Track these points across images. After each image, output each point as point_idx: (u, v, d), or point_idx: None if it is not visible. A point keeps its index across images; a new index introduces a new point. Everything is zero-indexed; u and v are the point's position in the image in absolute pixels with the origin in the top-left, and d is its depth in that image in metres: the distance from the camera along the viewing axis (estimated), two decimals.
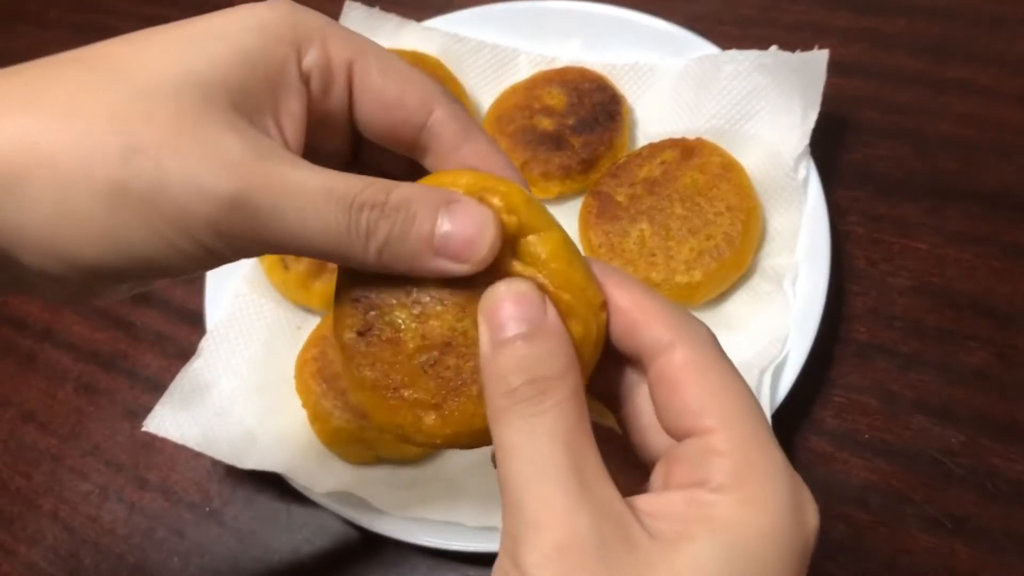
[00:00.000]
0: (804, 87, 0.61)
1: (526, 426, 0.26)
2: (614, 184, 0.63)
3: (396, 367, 0.30)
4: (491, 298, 0.28)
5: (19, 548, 0.62)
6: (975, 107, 0.66)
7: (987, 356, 0.55)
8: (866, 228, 0.63)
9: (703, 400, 0.27)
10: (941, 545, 0.50)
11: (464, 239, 0.28)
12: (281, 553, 0.58)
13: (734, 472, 0.26)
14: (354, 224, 0.28)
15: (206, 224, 0.27)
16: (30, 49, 1.11)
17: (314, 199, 0.27)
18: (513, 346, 0.27)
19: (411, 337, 0.29)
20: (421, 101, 0.31)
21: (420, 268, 0.29)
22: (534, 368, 0.27)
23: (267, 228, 0.27)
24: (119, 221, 0.26)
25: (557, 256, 0.29)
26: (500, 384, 0.27)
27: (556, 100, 0.69)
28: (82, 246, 0.27)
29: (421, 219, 0.28)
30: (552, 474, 0.25)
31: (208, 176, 0.26)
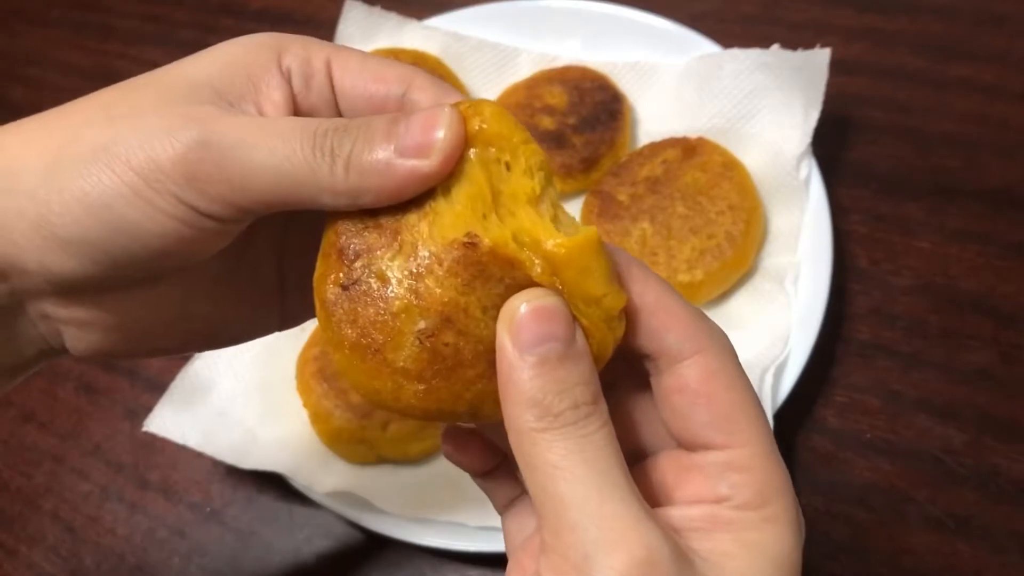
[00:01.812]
0: (806, 86, 0.61)
1: (575, 447, 0.26)
2: (615, 183, 0.63)
3: (380, 326, 0.28)
4: (517, 309, 0.26)
5: (20, 548, 0.62)
6: (977, 105, 0.66)
7: (989, 355, 0.55)
8: (868, 227, 0.62)
9: (724, 414, 0.27)
10: (943, 545, 0.50)
11: (422, 124, 0.28)
12: (282, 553, 0.58)
13: (755, 490, 0.27)
14: (319, 147, 0.28)
15: (174, 166, 0.28)
16: (31, 48, 1.11)
17: (281, 131, 0.28)
18: (549, 366, 0.26)
19: (402, 294, 0.27)
20: (398, 76, 0.31)
21: (391, 177, 0.28)
22: (576, 392, 0.26)
23: (235, 164, 0.28)
24: (99, 182, 0.28)
25: (573, 262, 0.27)
26: (534, 407, 0.26)
27: (557, 99, 0.69)
28: (70, 219, 0.28)
29: (381, 126, 0.28)
30: (613, 493, 0.25)
31: (178, 123, 0.28)
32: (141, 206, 0.28)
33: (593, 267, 0.27)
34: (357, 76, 0.32)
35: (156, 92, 0.30)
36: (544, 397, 0.26)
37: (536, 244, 0.27)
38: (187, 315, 0.34)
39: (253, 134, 0.28)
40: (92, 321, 0.32)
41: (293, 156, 0.28)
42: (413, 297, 0.27)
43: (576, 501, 0.25)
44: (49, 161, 0.29)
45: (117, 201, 0.28)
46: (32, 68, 0.99)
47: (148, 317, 0.33)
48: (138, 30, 0.98)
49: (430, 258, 0.27)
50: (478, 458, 0.34)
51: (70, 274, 0.29)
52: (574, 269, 0.27)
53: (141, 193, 0.28)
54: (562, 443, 0.26)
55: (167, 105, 0.29)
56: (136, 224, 0.28)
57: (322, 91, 0.32)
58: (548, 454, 0.26)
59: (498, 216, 0.28)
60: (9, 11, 1.06)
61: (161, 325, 0.34)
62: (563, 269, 0.27)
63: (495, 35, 0.75)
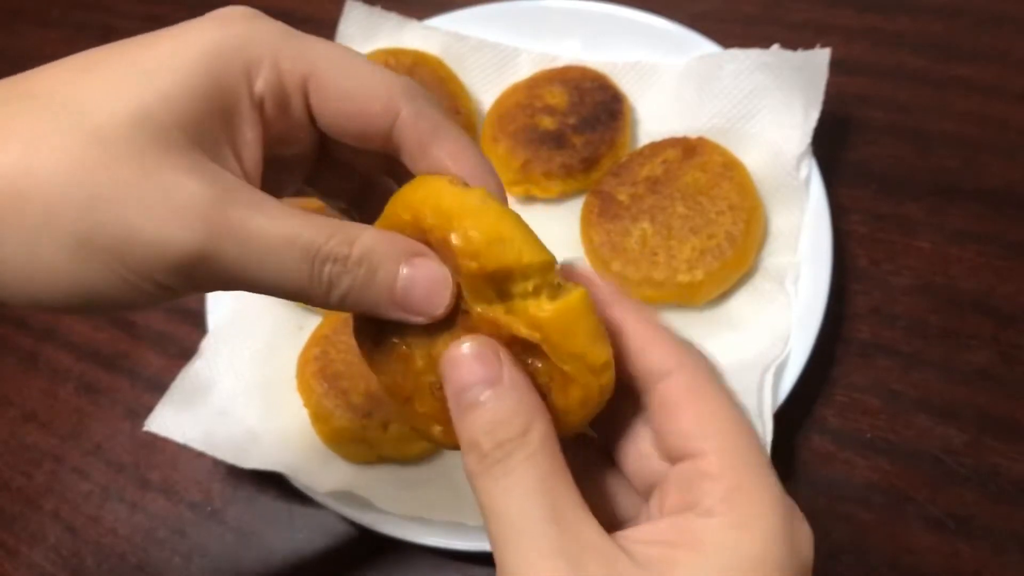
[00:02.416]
0: (806, 86, 0.61)
1: (498, 487, 0.27)
2: (616, 183, 0.63)
3: (407, 379, 0.31)
4: (448, 361, 0.28)
5: (20, 548, 0.62)
6: (978, 105, 0.66)
7: (990, 355, 0.55)
8: (868, 227, 0.62)
9: (697, 423, 0.28)
10: (944, 545, 0.50)
11: (423, 297, 0.29)
12: (283, 553, 0.58)
13: (724, 496, 0.26)
14: (316, 275, 0.28)
15: (170, 273, 0.27)
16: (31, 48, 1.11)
17: (276, 250, 0.27)
18: (475, 411, 0.27)
19: (420, 356, 0.30)
20: (384, 107, 0.30)
21: (380, 316, 0.30)
22: (498, 431, 0.27)
23: (230, 275, 0.28)
24: (85, 270, 0.27)
25: (556, 325, 0.28)
26: (471, 450, 0.27)
27: (557, 99, 0.69)
28: (53, 292, 0.27)
29: (382, 275, 0.29)
30: (528, 529, 0.26)
31: (172, 228, 0.26)
32: (129, 293, 0.28)
33: (575, 329, 0.28)
34: (336, 105, 0.31)
35: (127, 140, 0.26)
36: (476, 439, 0.27)
37: (525, 313, 0.29)
38: None
39: (253, 250, 0.27)
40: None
41: (291, 277, 0.28)
42: (429, 358, 0.30)
43: (498, 543, 0.27)
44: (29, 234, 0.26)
45: (107, 290, 0.27)
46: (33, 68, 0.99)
47: None
48: (139, 30, 0.97)
49: (440, 324, 0.30)
50: None
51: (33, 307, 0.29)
52: (558, 332, 0.28)
53: (130, 282, 0.27)
54: (489, 484, 0.27)
55: (150, 174, 0.26)
56: (117, 299, 0.28)
57: (298, 115, 0.31)
58: (481, 496, 0.27)
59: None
60: (9, 11, 1.06)
61: None
62: (549, 331, 0.28)
63: (495, 35, 0.75)
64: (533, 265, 0.28)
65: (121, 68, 0.29)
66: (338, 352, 0.58)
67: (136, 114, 0.27)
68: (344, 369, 0.58)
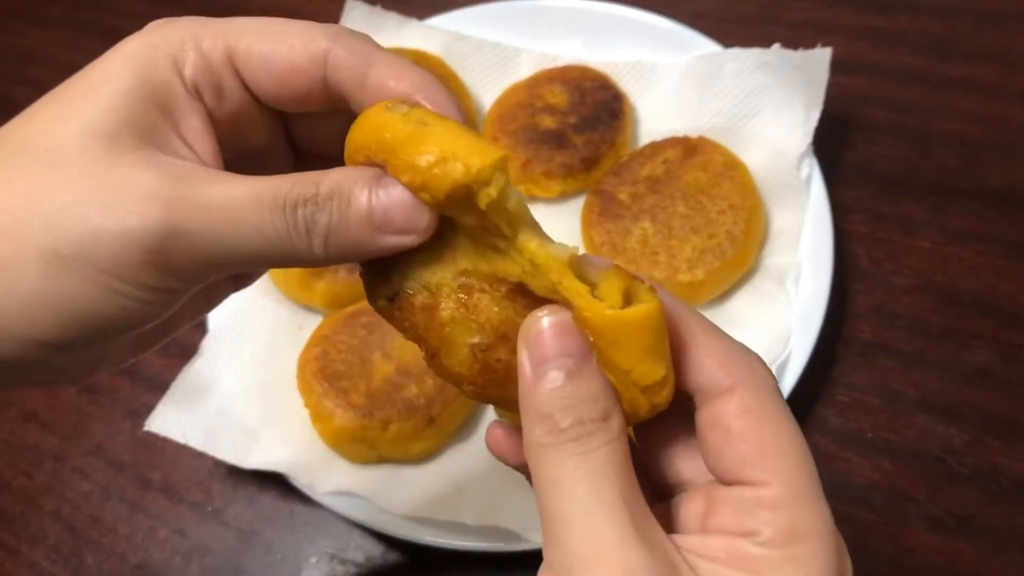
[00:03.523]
0: (807, 85, 0.61)
1: (571, 463, 0.26)
2: (616, 183, 0.63)
3: (431, 332, 0.29)
4: (533, 326, 0.27)
5: (21, 547, 0.62)
6: (978, 105, 0.66)
7: (990, 355, 0.55)
8: (869, 227, 0.62)
9: (760, 452, 0.27)
10: (945, 544, 0.50)
11: (404, 213, 0.28)
12: (283, 552, 0.58)
13: (783, 529, 0.26)
14: (292, 224, 0.27)
15: (143, 263, 0.26)
16: (31, 48, 1.11)
17: (244, 211, 0.27)
18: (557, 383, 0.26)
19: (445, 306, 0.29)
20: (309, 56, 0.30)
21: (369, 250, 0.28)
22: (579, 409, 0.26)
23: (205, 251, 0.27)
24: (60, 285, 0.26)
25: (605, 332, 0.26)
26: (544, 421, 0.26)
27: (558, 99, 0.69)
28: (33, 321, 0.27)
29: (356, 202, 0.28)
30: (602, 510, 0.25)
31: (131, 216, 0.26)
32: (115, 301, 0.27)
33: (623, 342, 0.26)
34: (263, 71, 0.30)
35: (79, 152, 0.27)
36: (552, 412, 0.26)
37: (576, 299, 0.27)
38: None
39: (220, 217, 0.27)
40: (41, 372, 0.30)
41: (267, 235, 0.27)
42: (463, 310, 0.28)
43: (566, 517, 0.25)
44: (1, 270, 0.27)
45: (91, 304, 0.27)
46: (33, 68, 0.99)
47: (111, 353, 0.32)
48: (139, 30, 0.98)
49: (477, 279, 0.28)
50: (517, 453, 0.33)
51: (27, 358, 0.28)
52: (604, 340, 0.27)
53: (116, 290, 0.27)
54: (562, 459, 0.26)
55: (103, 175, 0.27)
56: (103, 313, 0.27)
57: (235, 96, 0.31)
58: (549, 469, 0.26)
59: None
60: (9, 11, 1.06)
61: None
62: (595, 336, 0.27)
63: (496, 35, 0.75)
64: (484, 170, 0.26)
65: (62, 99, 0.29)
66: (338, 352, 0.58)
67: (82, 130, 0.27)
68: (344, 369, 0.58)
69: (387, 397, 0.56)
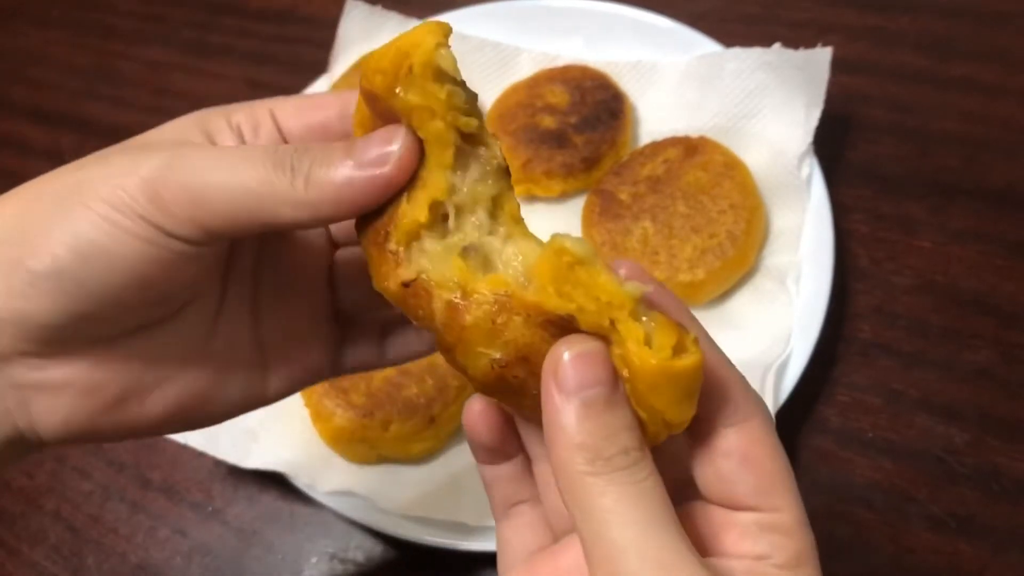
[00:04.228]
0: (807, 85, 0.61)
1: (621, 491, 0.26)
2: (617, 182, 0.63)
3: (449, 330, 0.29)
4: (561, 355, 0.27)
5: (22, 547, 0.62)
6: (979, 104, 0.66)
7: (991, 355, 0.55)
8: (870, 226, 0.62)
9: (774, 480, 0.29)
10: (945, 544, 0.49)
11: (380, 138, 0.29)
12: (283, 552, 0.58)
13: (793, 553, 0.28)
14: (279, 164, 0.29)
15: (139, 189, 0.29)
16: (32, 48, 1.11)
17: (243, 153, 0.30)
18: (595, 411, 0.26)
19: (479, 315, 0.28)
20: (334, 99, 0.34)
21: (350, 186, 0.29)
22: (622, 437, 0.27)
23: (198, 182, 0.29)
24: (69, 214, 0.29)
25: (648, 379, 0.27)
26: (586, 450, 0.26)
27: (558, 98, 0.69)
28: (43, 252, 0.29)
29: (340, 146, 0.30)
30: (658, 536, 0.26)
31: (142, 155, 0.30)
32: (109, 230, 0.29)
33: (663, 388, 0.27)
34: (297, 113, 0.34)
35: (120, 147, 0.32)
36: (594, 441, 0.26)
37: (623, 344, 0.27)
38: (161, 380, 0.34)
39: (216, 156, 0.30)
40: (64, 382, 0.32)
41: (254, 172, 0.29)
42: (490, 324, 0.28)
43: (632, 548, 0.25)
44: (22, 208, 0.30)
45: (87, 229, 0.29)
46: (33, 68, 0.99)
47: (121, 378, 0.33)
48: (139, 30, 0.98)
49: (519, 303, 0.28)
50: (497, 433, 0.33)
51: (47, 316, 0.30)
52: (645, 383, 0.27)
53: (108, 217, 0.29)
54: (615, 488, 0.26)
55: (132, 149, 0.31)
56: (105, 249, 0.29)
57: (270, 135, 0.34)
58: (602, 499, 0.26)
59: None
60: (9, 11, 1.06)
61: (135, 389, 0.33)
62: (633, 376, 0.27)
63: (496, 34, 0.75)
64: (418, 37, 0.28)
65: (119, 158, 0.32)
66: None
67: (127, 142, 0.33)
68: None
69: (387, 397, 0.56)
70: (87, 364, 0.32)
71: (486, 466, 0.34)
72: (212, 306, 0.35)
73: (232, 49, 0.92)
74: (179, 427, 0.36)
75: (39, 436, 0.33)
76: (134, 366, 0.33)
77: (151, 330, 0.33)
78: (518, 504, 0.34)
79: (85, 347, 0.32)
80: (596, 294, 0.27)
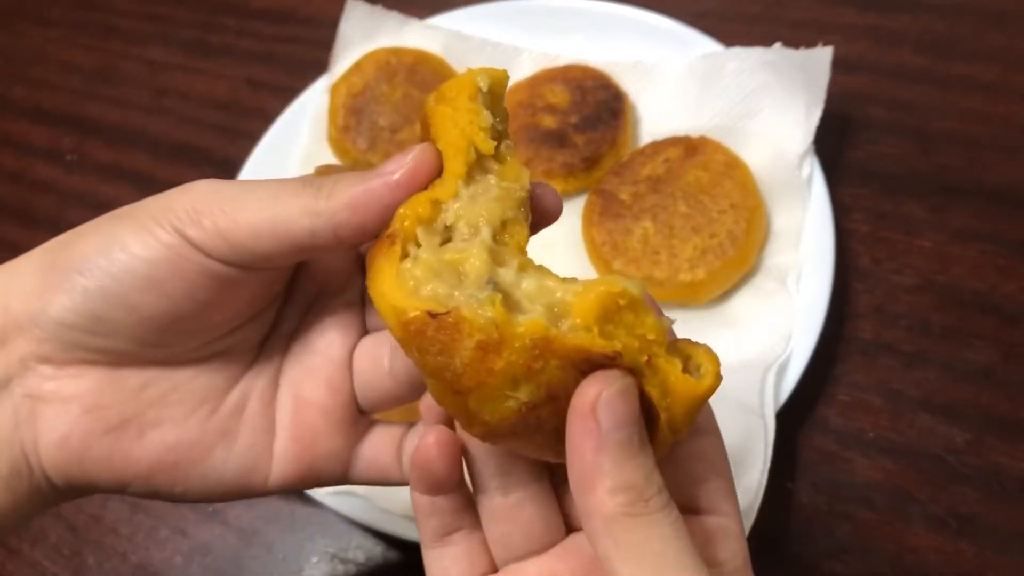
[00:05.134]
0: (808, 84, 0.61)
1: (672, 534, 0.26)
2: (617, 182, 0.63)
3: (473, 373, 0.27)
4: (595, 395, 0.26)
5: (22, 547, 0.62)
6: (979, 103, 0.66)
7: (992, 354, 0.55)
8: (870, 226, 0.62)
9: (729, 486, 0.30)
10: (946, 544, 0.49)
11: (399, 155, 0.30)
12: (284, 552, 0.58)
13: (745, 558, 0.29)
14: (308, 183, 0.31)
15: (181, 204, 0.30)
16: (32, 48, 1.11)
17: (283, 180, 0.32)
18: (633, 450, 0.26)
19: (512, 360, 0.26)
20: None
21: (365, 194, 0.30)
22: (655, 478, 0.27)
23: (233, 200, 0.30)
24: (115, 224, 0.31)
25: (686, 403, 0.27)
26: (627, 491, 0.26)
27: (559, 98, 0.69)
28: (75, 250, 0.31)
29: (369, 171, 0.31)
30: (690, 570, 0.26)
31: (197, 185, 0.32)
32: (141, 235, 0.30)
33: (695, 410, 0.28)
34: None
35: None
36: (635, 481, 0.26)
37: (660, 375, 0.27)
38: (164, 419, 0.34)
39: (260, 182, 0.31)
40: (73, 395, 0.32)
41: (284, 190, 0.30)
42: (525, 369, 0.26)
43: None
44: (84, 225, 0.32)
45: (123, 233, 0.30)
46: (33, 67, 0.99)
47: (127, 405, 0.33)
48: (139, 29, 0.98)
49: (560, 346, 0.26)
50: (456, 467, 0.32)
51: (63, 312, 0.30)
52: (682, 407, 0.27)
53: (146, 226, 0.30)
54: (658, 531, 0.26)
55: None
56: (131, 251, 0.30)
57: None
58: (650, 543, 0.26)
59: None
60: (10, 10, 1.06)
61: (137, 420, 0.33)
62: (675, 404, 0.27)
63: (497, 34, 0.75)
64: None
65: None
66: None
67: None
68: None
69: None
70: (99, 381, 0.32)
71: (429, 495, 0.33)
72: (243, 363, 0.36)
73: (232, 49, 0.92)
74: (167, 482, 0.34)
75: (39, 458, 0.32)
76: (143, 397, 0.33)
77: (174, 367, 0.34)
78: (451, 534, 0.34)
79: (102, 361, 0.32)
80: (641, 332, 0.27)
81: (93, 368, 0.32)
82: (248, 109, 0.85)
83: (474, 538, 0.34)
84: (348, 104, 0.71)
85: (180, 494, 0.35)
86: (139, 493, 0.34)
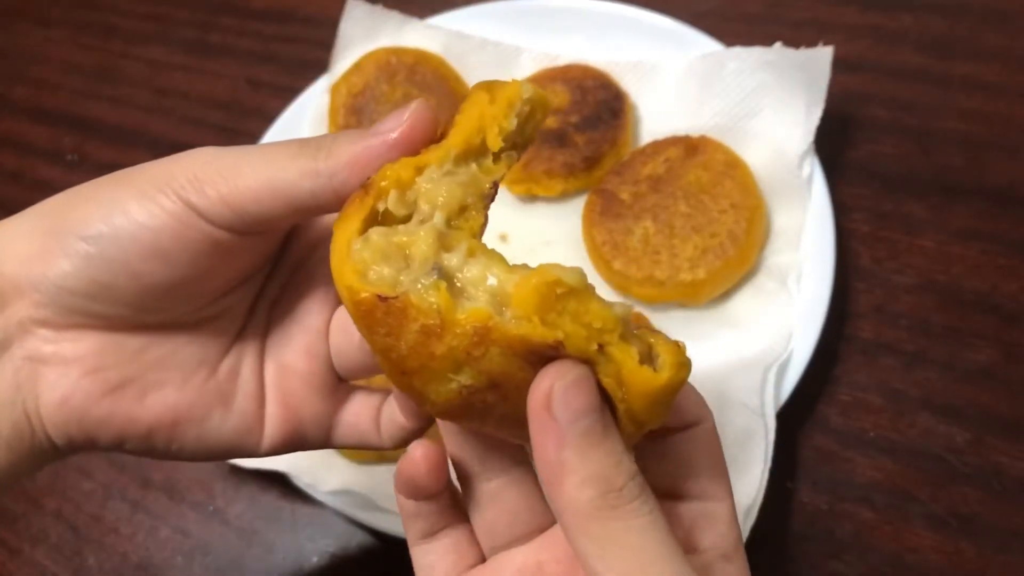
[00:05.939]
0: (808, 84, 0.61)
1: (643, 526, 0.25)
2: (618, 182, 0.63)
3: (416, 355, 0.27)
4: (549, 389, 0.25)
5: (23, 547, 0.62)
6: (980, 103, 0.66)
7: (993, 354, 0.55)
8: (871, 225, 0.62)
9: (722, 471, 0.30)
10: (947, 543, 0.49)
11: (396, 113, 0.30)
12: (285, 552, 0.58)
13: (734, 543, 0.29)
14: (307, 144, 0.31)
15: (183, 171, 0.31)
16: (33, 47, 1.11)
17: (281, 143, 0.31)
18: (598, 439, 0.25)
19: (453, 344, 0.27)
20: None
21: (364, 151, 0.30)
22: (626, 465, 0.26)
23: (233, 164, 0.31)
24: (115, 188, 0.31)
25: (644, 396, 0.26)
26: (596, 483, 0.25)
27: (559, 98, 0.69)
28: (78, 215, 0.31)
29: (364, 130, 0.31)
30: (682, 569, 0.25)
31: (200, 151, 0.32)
32: (143, 201, 0.30)
33: (658, 401, 0.27)
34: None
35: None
36: (603, 471, 0.25)
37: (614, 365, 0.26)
38: (164, 382, 0.34)
39: (258, 147, 0.31)
40: (74, 357, 0.32)
41: (281, 153, 0.30)
42: (465, 354, 0.27)
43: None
44: (79, 188, 0.32)
45: (124, 199, 0.30)
46: (34, 67, 0.99)
47: (127, 367, 0.33)
48: (140, 29, 0.98)
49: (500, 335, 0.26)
50: (442, 474, 0.32)
51: (63, 277, 0.30)
52: (642, 400, 0.26)
53: (147, 192, 0.30)
54: (635, 523, 0.25)
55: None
56: (134, 219, 0.30)
57: None
58: (626, 536, 0.25)
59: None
60: (10, 10, 1.06)
61: (137, 382, 0.33)
62: (633, 395, 0.26)
63: (497, 33, 0.75)
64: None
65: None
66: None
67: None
68: None
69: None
70: (98, 344, 0.32)
71: (414, 500, 0.33)
72: (233, 328, 0.36)
73: (232, 49, 0.92)
74: (164, 441, 0.35)
75: (41, 419, 0.33)
76: (143, 360, 0.33)
77: (169, 332, 0.34)
78: (437, 532, 0.34)
79: (99, 326, 0.32)
80: (587, 321, 0.26)
81: (91, 332, 0.32)
82: (248, 109, 0.85)
83: (460, 532, 0.34)
84: (348, 104, 0.71)
85: (175, 451, 0.35)
86: (135, 451, 0.35)
